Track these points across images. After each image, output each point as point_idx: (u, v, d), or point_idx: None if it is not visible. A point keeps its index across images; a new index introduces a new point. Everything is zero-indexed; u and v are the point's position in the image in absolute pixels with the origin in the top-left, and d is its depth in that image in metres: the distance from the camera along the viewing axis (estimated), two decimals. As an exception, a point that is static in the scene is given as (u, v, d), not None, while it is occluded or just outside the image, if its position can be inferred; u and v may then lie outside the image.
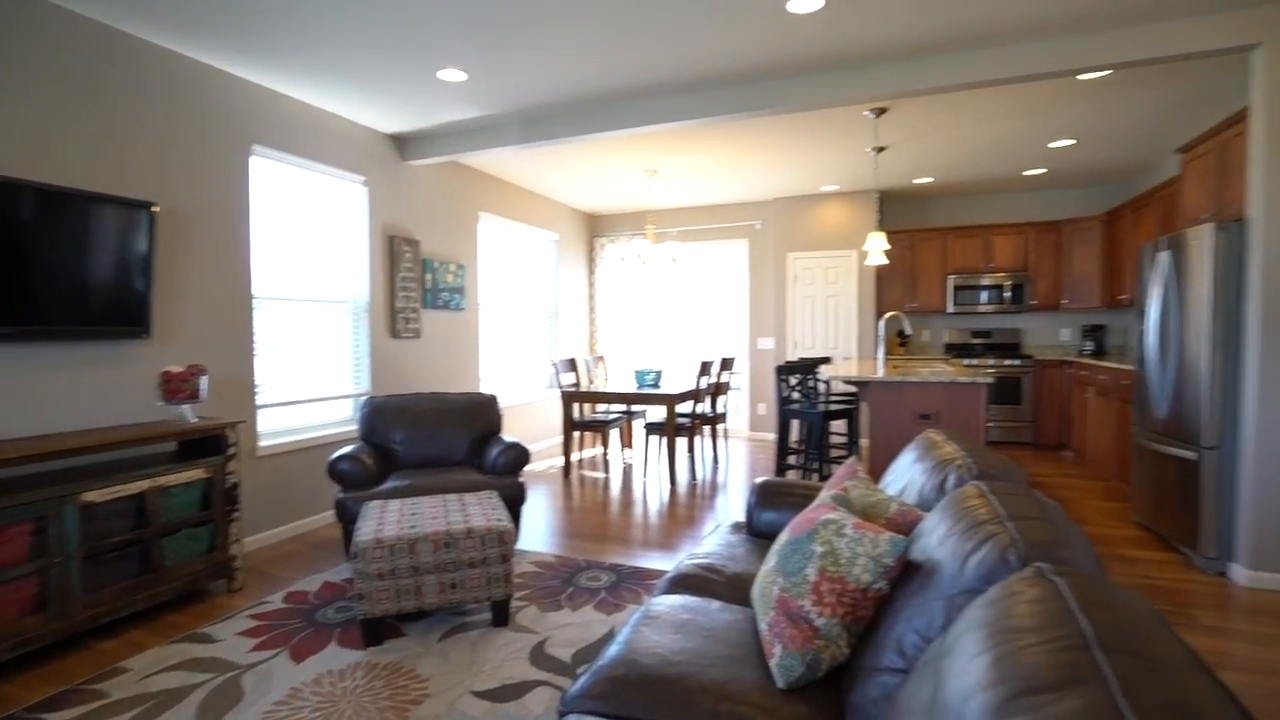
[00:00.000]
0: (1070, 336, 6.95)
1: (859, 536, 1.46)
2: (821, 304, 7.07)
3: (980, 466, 1.75)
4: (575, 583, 3.24)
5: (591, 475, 5.73)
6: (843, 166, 5.93)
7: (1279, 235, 3.09)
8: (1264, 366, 3.12)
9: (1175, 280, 3.65)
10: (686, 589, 2.03)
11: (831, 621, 1.43)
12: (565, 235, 7.52)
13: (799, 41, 3.35)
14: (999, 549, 1.17)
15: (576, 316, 7.84)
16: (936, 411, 3.72)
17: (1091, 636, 0.76)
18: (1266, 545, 3.13)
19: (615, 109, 4.23)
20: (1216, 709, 0.64)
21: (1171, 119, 4.66)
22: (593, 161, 5.65)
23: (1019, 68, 3.40)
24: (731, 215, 7.57)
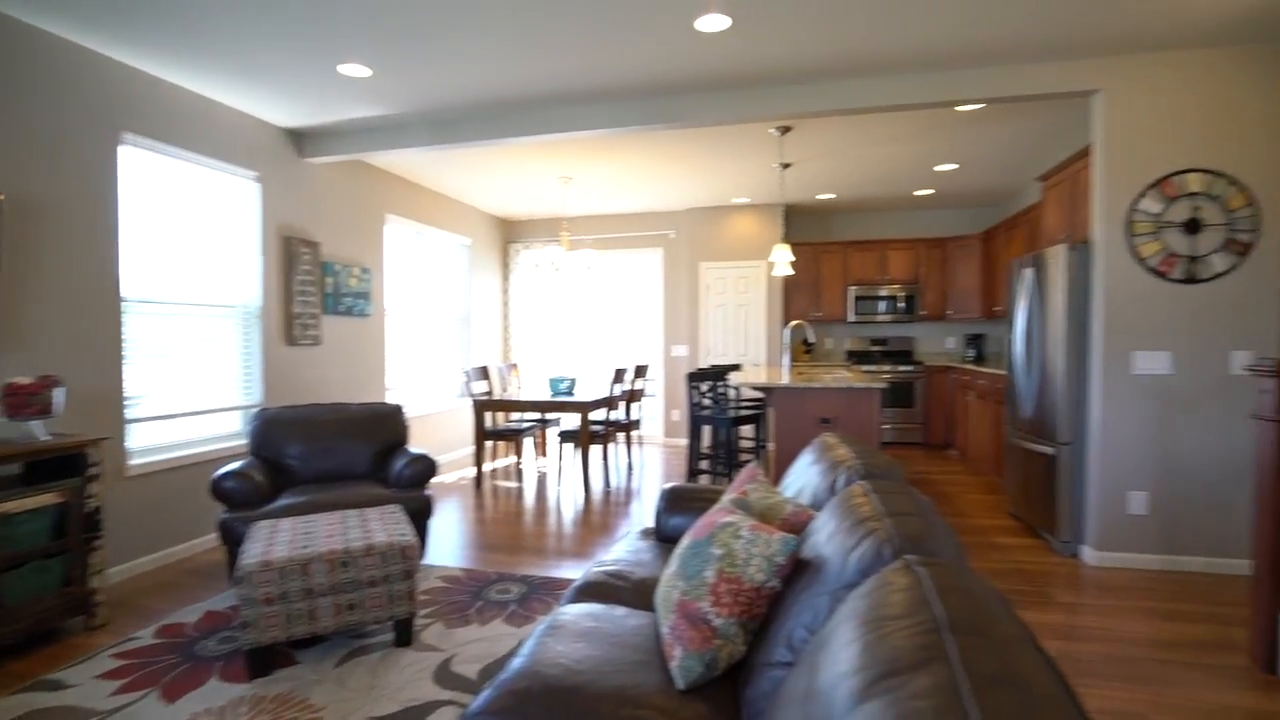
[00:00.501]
0: (955, 344, 7.53)
1: (754, 537, 1.53)
2: (733, 312, 7.30)
3: (866, 467, 1.87)
4: (484, 596, 3.18)
5: (505, 485, 5.64)
6: (752, 180, 6.16)
7: (1116, 256, 3.50)
8: (1105, 371, 3.51)
9: (1038, 294, 4.04)
10: (593, 597, 2.04)
11: (729, 621, 1.49)
12: (478, 240, 7.38)
13: (706, 59, 3.47)
14: (876, 544, 1.26)
15: (490, 323, 7.70)
16: (836, 415, 3.93)
17: (944, 620, 0.84)
18: (1108, 529, 3.52)
19: (528, 115, 4.22)
20: (1038, 675, 0.73)
21: (1036, 150, 5.16)
22: (507, 166, 5.60)
23: (905, 96, 3.68)
24: (646, 224, 7.69)
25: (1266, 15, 3.03)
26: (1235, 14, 3.02)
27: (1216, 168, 3.39)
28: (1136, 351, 3.47)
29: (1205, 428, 3.41)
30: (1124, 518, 3.51)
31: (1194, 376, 3.42)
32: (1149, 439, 3.47)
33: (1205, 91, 3.40)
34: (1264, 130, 3.35)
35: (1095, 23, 3.10)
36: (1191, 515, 3.44)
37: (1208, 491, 3.42)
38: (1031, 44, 3.31)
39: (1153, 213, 3.45)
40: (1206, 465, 3.42)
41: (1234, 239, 3.38)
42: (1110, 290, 3.50)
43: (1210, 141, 3.40)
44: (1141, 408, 3.48)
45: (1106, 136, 3.52)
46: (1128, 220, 3.48)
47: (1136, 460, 3.49)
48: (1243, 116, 3.37)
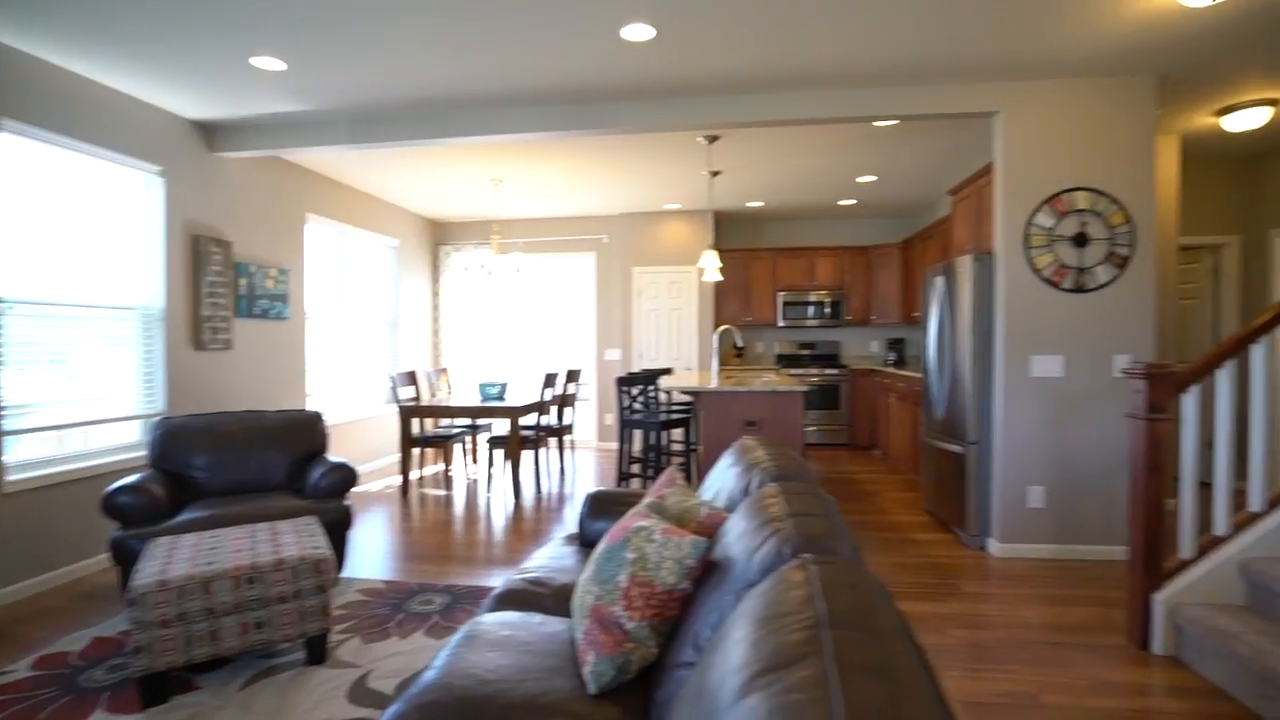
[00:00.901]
0: (878, 348, 7.86)
1: (666, 541, 1.56)
2: (665, 317, 7.38)
3: (779, 469, 1.93)
4: (406, 609, 3.10)
5: (433, 493, 5.50)
6: (683, 187, 6.26)
7: (1015, 267, 3.74)
8: (1006, 374, 3.75)
9: (948, 302, 4.27)
10: (512, 605, 2.02)
11: (641, 624, 1.51)
12: (407, 242, 7.18)
13: (634, 68, 3.50)
14: (778, 544, 1.31)
15: (419, 327, 7.50)
16: (761, 418, 4.03)
17: (824, 616, 0.88)
18: (1010, 522, 3.76)
19: (456, 116, 4.14)
20: (906, 664, 0.78)
21: (947, 165, 5.46)
22: (436, 167, 5.48)
23: (825, 111, 3.82)
24: (579, 228, 7.68)
25: (1133, 51, 3.31)
26: (1110, 48, 3.29)
27: (1099, 187, 3.68)
28: (1034, 356, 3.72)
29: (1092, 426, 3.69)
30: (1024, 511, 3.75)
31: (1082, 379, 3.70)
32: (1045, 437, 3.73)
33: (1088, 117, 3.69)
34: (1134, 154, 3.66)
35: (995, 49, 3.31)
36: (1081, 507, 3.71)
37: (1095, 485, 3.70)
38: (940, 66, 3.51)
39: (1046, 227, 3.71)
40: (1094, 460, 3.70)
41: (1115, 252, 3.68)
42: (1010, 299, 3.74)
43: (1093, 163, 3.69)
44: (1038, 408, 3.73)
45: (1005, 155, 3.76)
46: (1025, 233, 3.73)
47: (1034, 457, 3.74)
48: (1118, 141, 3.67)
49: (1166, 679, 2.41)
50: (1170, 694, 2.31)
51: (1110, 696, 2.30)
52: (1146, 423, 2.57)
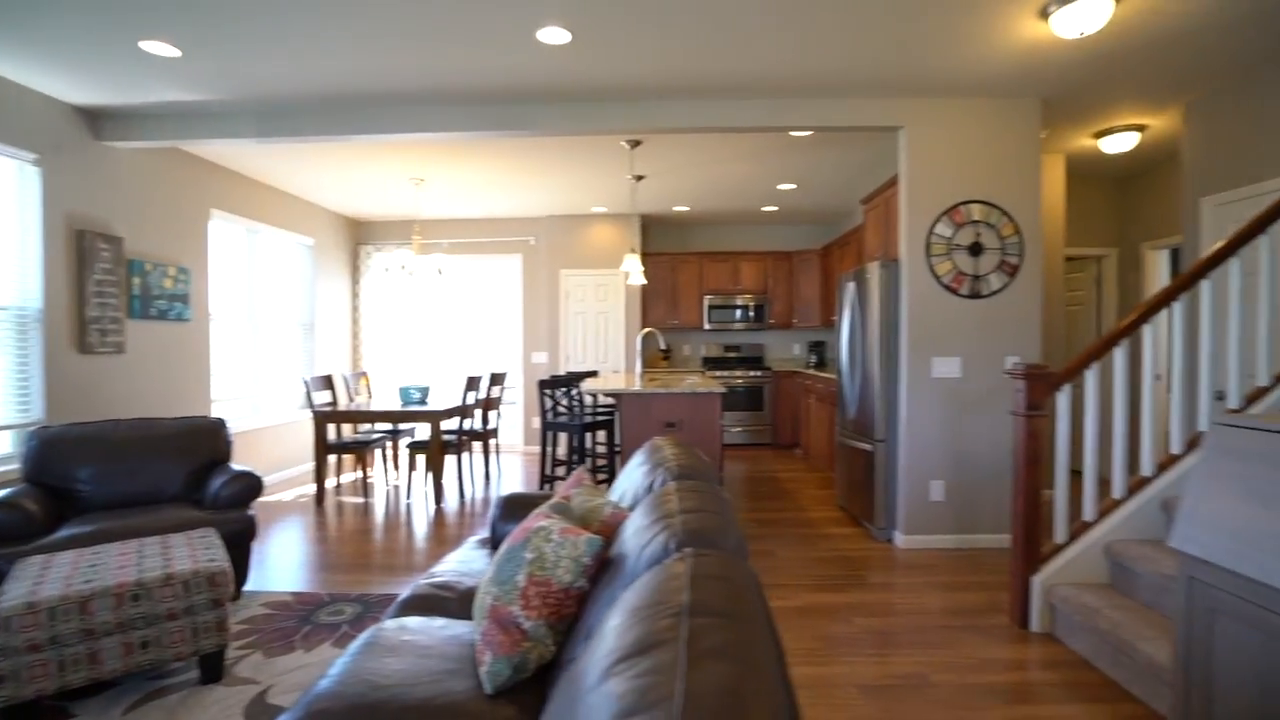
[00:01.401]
0: (800, 351, 8.13)
1: (563, 540, 1.57)
2: (593, 320, 7.39)
3: (682, 468, 1.98)
4: (314, 621, 2.98)
5: (350, 501, 5.31)
6: (609, 190, 6.29)
7: (917, 274, 3.97)
8: (910, 375, 3.96)
9: (859, 306, 4.48)
10: (416, 610, 1.99)
11: (538, 623, 1.52)
12: (323, 241, 6.91)
13: (550, 71, 3.51)
14: (665, 539, 1.35)
15: (338, 330, 7.23)
16: (680, 419, 4.11)
17: (686, 605, 0.92)
18: (914, 515, 3.97)
19: (373, 112, 4.03)
20: (757, 650, 0.82)
21: (863, 175, 5.72)
22: (354, 164, 5.30)
23: (742, 120, 3.94)
24: (505, 230, 7.59)
25: (1019, 75, 3.58)
26: (1000, 72, 3.54)
27: (992, 200, 3.96)
28: (935, 357, 3.95)
29: (987, 423, 3.95)
30: (927, 504, 3.97)
31: (978, 379, 3.95)
32: (945, 434, 3.96)
33: (982, 134, 3.96)
34: (1022, 170, 3.96)
35: (899, 68, 3.50)
36: (977, 499, 3.96)
37: (989, 478, 3.96)
38: (850, 81, 3.68)
39: (945, 236, 3.95)
40: (988, 455, 3.96)
41: (1006, 261, 3.95)
42: (913, 303, 3.96)
43: (987, 177, 3.96)
44: (939, 407, 3.96)
45: (909, 167, 3.98)
46: (926, 242, 3.96)
47: (935, 453, 3.97)
48: (1008, 158, 3.96)
49: (1041, 654, 2.61)
50: (1044, 667, 2.51)
51: (992, 672, 2.47)
52: (1026, 419, 2.78)
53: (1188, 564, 1.69)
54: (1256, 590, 1.53)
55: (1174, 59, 3.43)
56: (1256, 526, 1.54)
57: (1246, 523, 1.57)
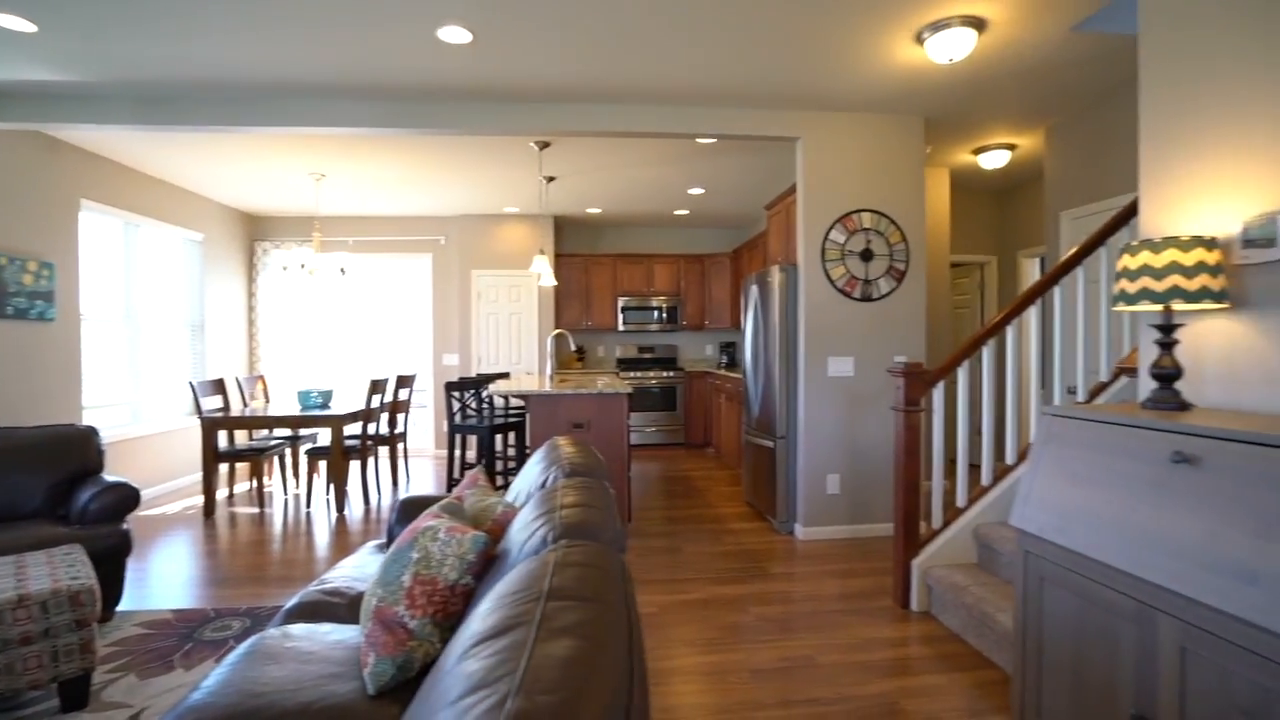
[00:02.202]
0: (712, 352, 8.36)
1: (449, 539, 1.58)
2: (505, 321, 7.32)
3: (574, 465, 2.02)
4: (197, 638, 2.82)
5: (244, 512, 5.02)
6: (521, 191, 6.26)
7: (814, 277, 4.19)
8: (808, 374, 4.18)
9: (761, 308, 4.67)
10: (302, 618, 1.93)
11: (424, 621, 1.52)
12: (215, 236, 6.49)
13: (453, 69, 3.47)
14: (544, 532, 1.38)
15: (233, 331, 6.80)
16: (588, 420, 4.15)
17: (546, 590, 0.96)
18: (813, 508, 4.19)
19: (265, 103, 3.84)
20: (605, 628, 0.87)
21: (769, 181, 5.96)
22: (248, 156, 5.02)
23: (648, 125, 4.03)
24: (414, 228, 7.39)
25: (904, 94, 3.86)
26: (888, 90, 3.80)
27: (881, 209, 4.23)
28: (831, 357, 4.18)
29: (877, 419, 4.22)
30: (824, 497, 4.19)
31: (870, 378, 4.21)
32: (840, 430, 4.20)
33: (872, 147, 4.23)
34: (908, 182, 4.26)
35: (795, 81, 3.69)
36: (869, 491, 4.22)
37: (879, 470, 4.22)
38: (751, 93, 3.84)
39: (839, 242, 4.19)
40: (878, 449, 4.22)
41: (894, 267, 4.24)
42: (810, 306, 4.18)
43: (876, 187, 4.23)
44: (835, 405, 4.19)
45: (807, 176, 4.20)
46: (822, 247, 4.19)
47: (832, 449, 4.19)
48: (896, 170, 4.25)
49: (918, 631, 2.83)
50: (920, 643, 2.72)
51: (874, 650, 2.65)
52: (905, 414, 3.00)
53: (1023, 540, 1.89)
54: (1071, 558, 1.73)
55: (1034, 87, 3.79)
56: (1073, 503, 1.75)
57: (1066, 500, 1.78)
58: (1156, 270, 1.84)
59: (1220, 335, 1.95)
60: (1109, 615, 1.62)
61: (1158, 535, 1.51)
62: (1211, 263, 1.80)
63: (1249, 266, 1.86)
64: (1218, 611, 1.36)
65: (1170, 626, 1.46)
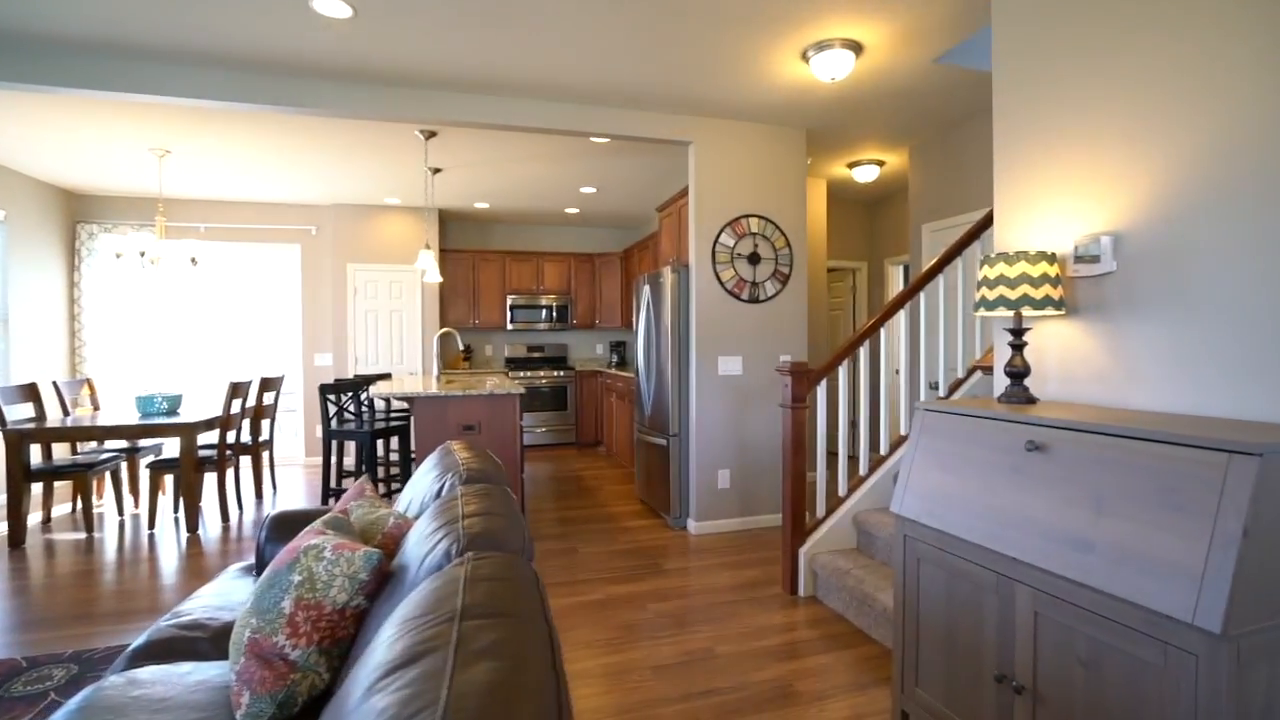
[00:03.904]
0: (603, 351, 8.36)
1: (336, 557, 1.44)
2: (386, 318, 6.89)
3: (471, 471, 1.92)
4: (8, 692, 2.38)
5: (65, 539, 4.35)
6: (404, 182, 5.91)
7: (705, 279, 4.29)
8: (698, 373, 4.28)
9: (654, 308, 4.72)
10: (154, 658, 1.68)
11: (308, 651, 1.37)
12: (20, 214, 5.57)
13: (329, 45, 3.20)
14: (447, 545, 1.29)
15: (48, 327, 5.87)
16: (479, 422, 3.99)
17: (459, 610, 0.89)
18: (705, 502, 4.30)
19: (98, 64, 3.32)
20: (526, 645, 0.82)
21: (660, 183, 6.04)
22: (71, 121, 4.33)
23: (543, 121, 3.93)
24: (280, 216, 6.77)
25: (788, 107, 4.05)
26: (774, 102, 3.97)
27: (767, 214, 4.41)
28: (721, 356, 4.30)
29: (764, 415, 4.40)
30: (715, 492, 4.31)
31: (757, 376, 4.38)
32: (730, 427, 4.33)
33: (759, 155, 4.40)
34: (792, 190, 4.48)
35: (687, 88, 3.75)
36: (757, 484, 4.40)
37: (766, 464, 4.41)
38: (643, 95, 3.86)
39: (728, 245, 4.32)
40: (765, 444, 4.41)
41: (779, 270, 4.44)
42: (700, 306, 4.28)
43: (763, 194, 4.41)
44: (724, 402, 4.32)
45: (698, 180, 4.29)
46: (712, 250, 4.30)
47: (722, 445, 4.32)
48: (780, 178, 4.45)
49: (806, 615, 2.97)
50: (808, 626, 2.86)
51: (767, 637, 2.75)
52: (791, 410, 3.14)
53: (902, 524, 2.04)
54: (942, 539, 1.89)
55: (901, 109, 4.12)
56: (942, 489, 1.90)
57: (936, 486, 1.93)
58: (1010, 280, 2.04)
59: (1058, 338, 2.20)
60: (975, 588, 1.77)
61: (1014, 514, 1.67)
62: (1053, 274, 2.03)
63: (1079, 279, 2.11)
64: (1061, 578, 1.53)
65: (1025, 595, 1.62)
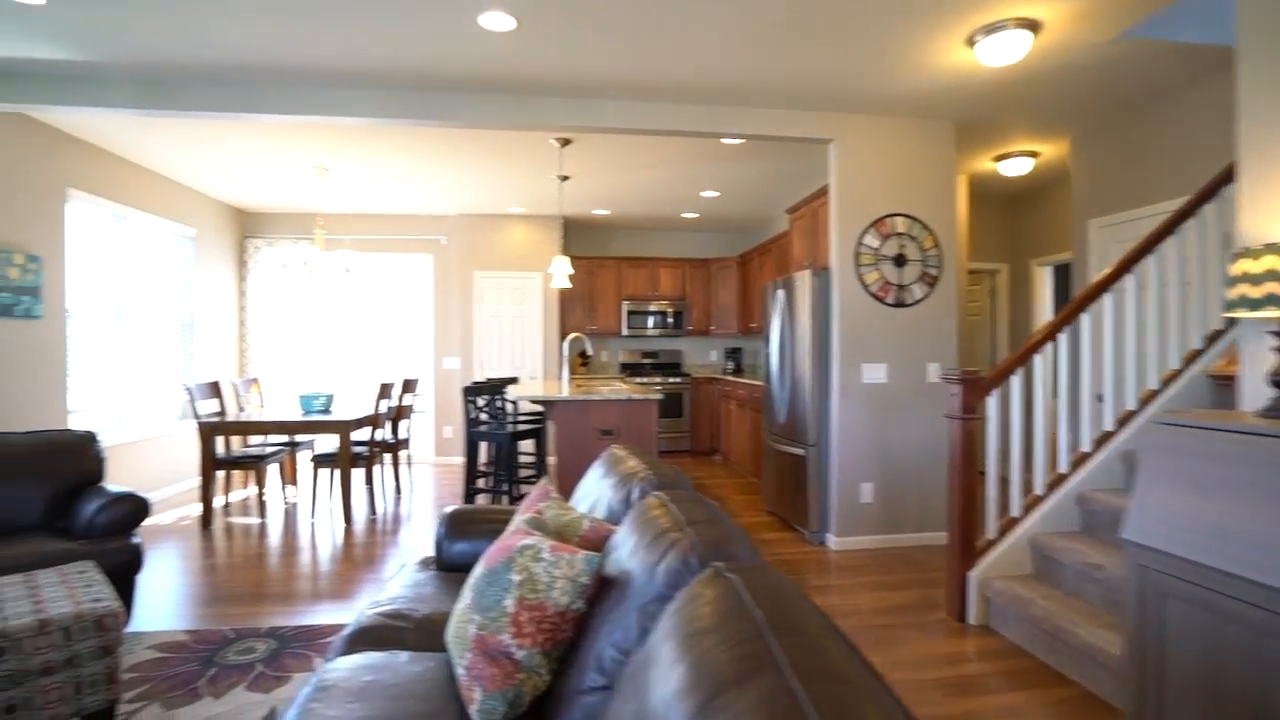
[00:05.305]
0: (717, 357, 8.26)
1: (556, 559, 1.44)
2: (508, 324, 7.14)
3: (658, 477, 1.89)
4: (219, 661, 2.61)
5: (242, 522, 4.78)
6: (530, 190, 6.10)
7: (847, 282, 4.11)
8: (841, 381, 4.09)
9: (788, 313, 4.58)
10: (368, 645, 1.76)
11: (532, 651, 1.37)
12: (205, 231, 6.22)
13: (489, 59, 3.32)
14: (681, 554, 1.25)
15: (222, 331, 6.52)
16: (616, 427, 4.01)
17: (763, 624, 0.83)
18: (846, 517, 4.10)
19: (278, 90, 3.64)
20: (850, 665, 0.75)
21: (786, 184, 5.89)
22: (246, 146, 4.79)
23: (677, 123, 3.92)
24: (415, 227, 7.18)
25: (939, 98, 3.81)
26: (923, 93, 3.75)
27: (914, 214, 4.17)
28: (864, 363, 4.10)
29: (910, 426, 4.15)
30: (858, 506, 4.10)
31: (902, 384, 4.14)
32: (873, 438, 4.12)
33: (905, 151, 4.17)
34: (940, 187, 4.21)
35: (831, 83, 3.61)
36: (903, 499, 4.15)
37: (912, 479, 4.15)
38: (784, 92, 3.76)
39: (873, 247, 4.12)
40: (911, 456, 4.15)
41: (927, 272, 4.18)
42: (844, 311, 4.10)
43: (909, 192, 4.18)
44: (867, 411, 4.11)
45: (840, 179, 4.12)
46: (855, 252, 4.11)
47: (865, 456, 4.11)
48: (928, 175, 4.20)
49: (980, 645, 2.74)
50: (986, 658, 2.63)
51: (942, 667, 2.56)
52: (961, 422, 2.92)
53: (1138, 553, 1.81)
54: (1200, 572, 1.65)
55: (1070, 92, 3.77)
56: (1200, 515, 1.67)
57: (1189, 512, 1.70)
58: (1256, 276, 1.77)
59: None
60: (1256, 635, 1.53)
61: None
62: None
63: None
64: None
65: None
